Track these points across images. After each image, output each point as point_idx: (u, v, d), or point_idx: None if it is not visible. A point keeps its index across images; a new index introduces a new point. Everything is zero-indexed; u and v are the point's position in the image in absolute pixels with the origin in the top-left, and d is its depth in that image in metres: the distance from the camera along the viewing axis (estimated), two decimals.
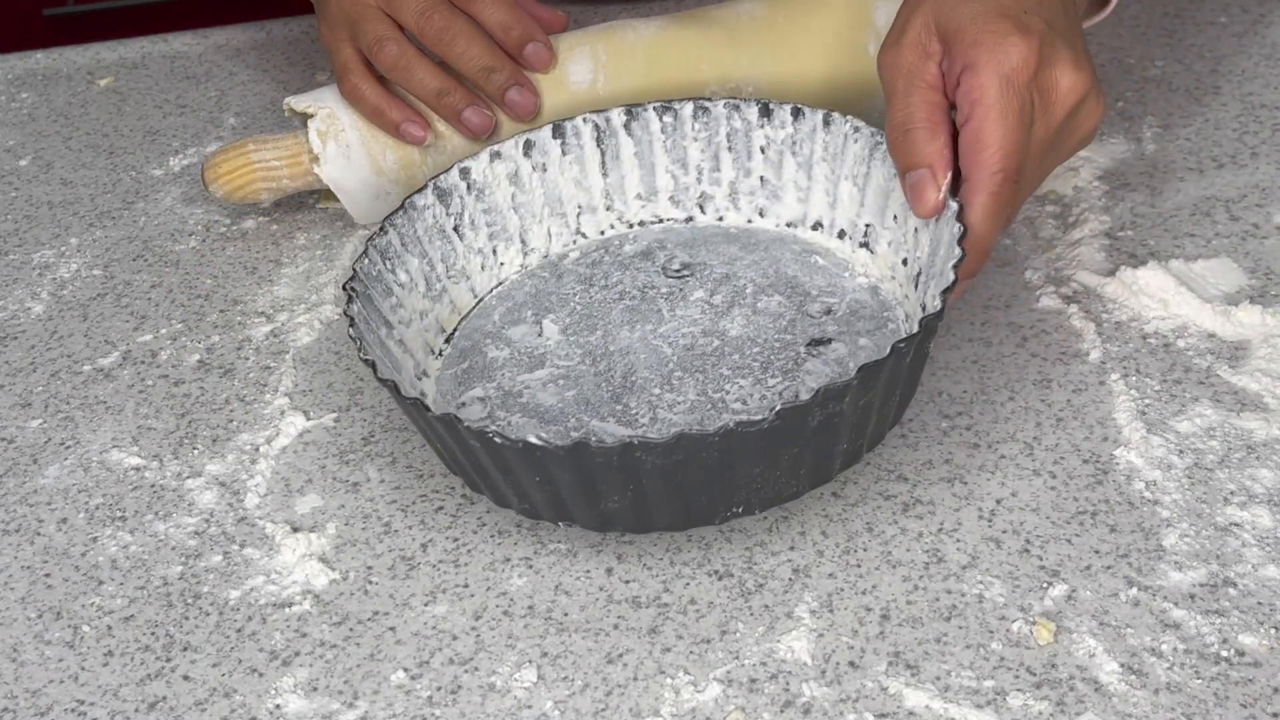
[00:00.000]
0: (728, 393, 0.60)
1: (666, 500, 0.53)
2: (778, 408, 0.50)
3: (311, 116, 0.73)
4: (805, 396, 0.58)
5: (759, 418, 0.51)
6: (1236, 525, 0.55)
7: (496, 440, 0.52)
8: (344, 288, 0.60)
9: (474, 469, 0.56)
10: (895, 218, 0.63)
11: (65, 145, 0.88)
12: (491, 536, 0.58)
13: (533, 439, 0.51)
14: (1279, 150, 0.73)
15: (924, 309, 0.60)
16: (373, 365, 0.56)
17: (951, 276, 0.55)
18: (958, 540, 0.55)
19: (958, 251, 0.56)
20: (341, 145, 0.73)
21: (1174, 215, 0.70)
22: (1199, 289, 0.65)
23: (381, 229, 0.63)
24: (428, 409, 0.54)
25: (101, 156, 0.87)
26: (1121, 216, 0.70)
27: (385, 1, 0.72)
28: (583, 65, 0.73)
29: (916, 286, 0.61)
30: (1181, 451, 0.58)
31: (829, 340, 0.61)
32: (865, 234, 0.65)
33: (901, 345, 0.53)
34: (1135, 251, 0.68)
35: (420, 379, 0.62)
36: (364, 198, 0.74)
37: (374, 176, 0.73)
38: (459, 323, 0.66)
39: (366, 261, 0.62)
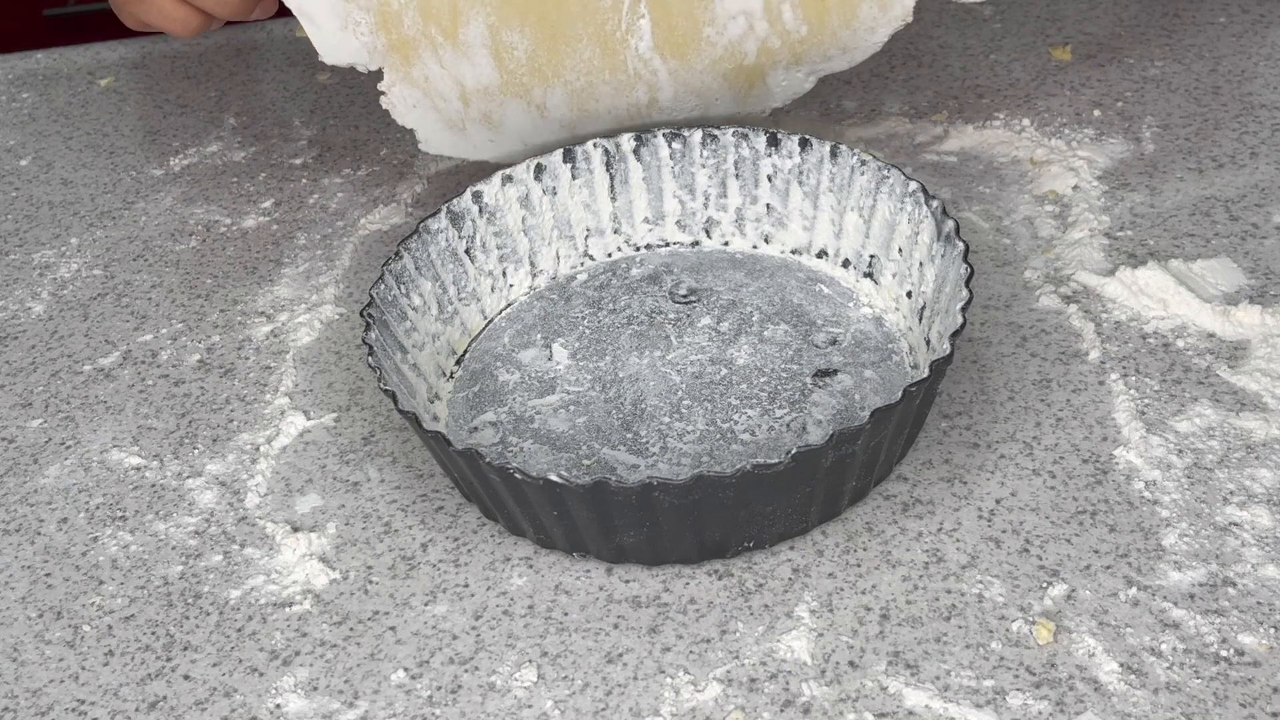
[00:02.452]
0: (736, 423, 0.60)
1: (681, 535, 0.54)
2: (793, 451, 0.51)
3: None
4: (813, 429, 0.59)
5: (775, 460, 0.51)
6: (1236, 525, 0.55)
7: (517, 476, 0.52)
8: (361, 314, 0.60)
9: (491, 500, 0.56)
10: (900, 251, 0.63)
11: (66, 145, 0.88)
12: (491, 536, 0.58)
13: (554, 477, 0.51)
14: (1279, 150, 0.73)
15: (928, 344, 0.60)
16: (393, 396, 0.56)
17: (960, 319, 0.55)
18: (957, 540, 0.55)
19: (965, 293, 0.56)
20: None
21: (1173, 215, 0.70)
22: (1198, 289, 0.65)
23: (396, 254, 0.63)
24: (449, 443, 0.54)
25: (102, 156, 0.87)
26: (1121, 216, 0.70)
27: None
28: None
29: (920, 320, 0.61)
30: (1181, 451, 0.58)
31: (835, 372, 0.62)
32: (870, 265, 0.66)
33: (913, 389, 0.53)
34: (1135, 251, 0.68)
35: (433, 402, 0.62)
36: (331, 27, 0.66)
37: (341, 2, 0.66)
38: (469, 344, 0.66)
39: (383, 287, 0.62)
